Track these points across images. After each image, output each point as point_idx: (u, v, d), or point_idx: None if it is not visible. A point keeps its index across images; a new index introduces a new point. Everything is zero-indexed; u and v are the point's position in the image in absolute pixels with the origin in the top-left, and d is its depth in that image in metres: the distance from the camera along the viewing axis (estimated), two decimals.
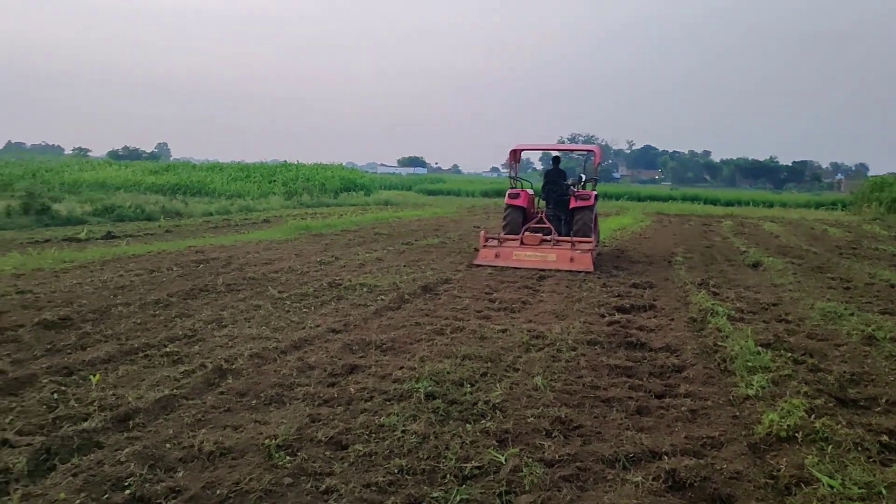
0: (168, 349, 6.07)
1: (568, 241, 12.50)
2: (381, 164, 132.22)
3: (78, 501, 3.36)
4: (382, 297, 8.86)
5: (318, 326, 7.15)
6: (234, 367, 5.58)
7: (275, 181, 35.69)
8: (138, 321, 7.13)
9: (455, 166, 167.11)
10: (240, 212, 24.54)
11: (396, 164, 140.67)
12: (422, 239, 16.64)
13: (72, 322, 6.94)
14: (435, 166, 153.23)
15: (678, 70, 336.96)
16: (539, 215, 13.52)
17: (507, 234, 13.19)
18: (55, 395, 4.84)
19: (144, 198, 25.08)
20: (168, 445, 4.05)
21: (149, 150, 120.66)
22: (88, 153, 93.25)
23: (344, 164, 49.15)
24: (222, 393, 5.02)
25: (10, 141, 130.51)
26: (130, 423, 4.38)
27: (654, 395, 5.30)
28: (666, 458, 4.03)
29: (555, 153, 15.25)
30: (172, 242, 14.14)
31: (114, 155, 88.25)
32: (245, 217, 22.44)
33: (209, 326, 7.03)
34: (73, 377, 5.27)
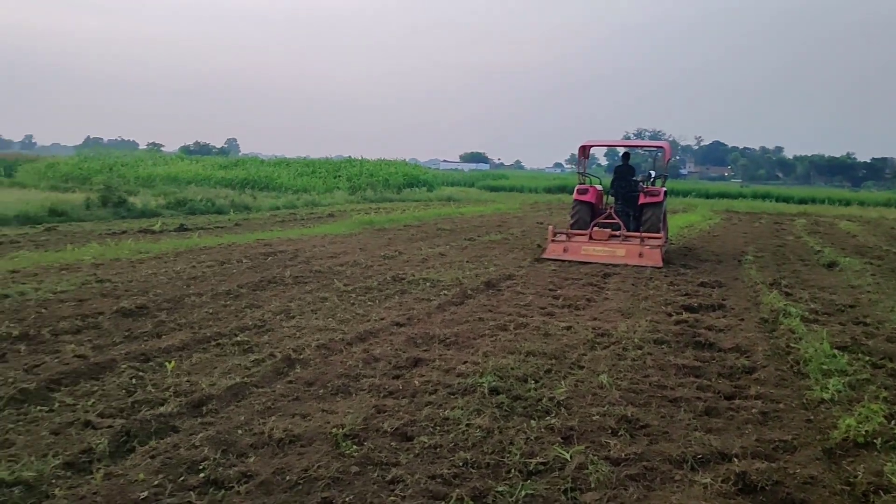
0: (239, 338, 6.26)
1: (637, 237, 12.52)
2: (444, 160, 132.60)
3: (156, 482, 3.50)
4: (445, 291, 8.91)
5: (382, 319, 7.24)
6: (301, 357, 5.71)
7: (339, 177, 36.23)
8: (210, 311, 7.36)
9: (518, 162, 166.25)
10: (305, 206, 25.00)
11: (459, 160, 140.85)
12: (484, 235, 16.64)
13: (148, 310, 7.21)
14: (497, 162, 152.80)
15: (749, 63, 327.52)
16: (608, 211, 13.49)
17: (574, 229, 13.23)
18: (133, 381, 5.05)
19: (214, 192, 25.74)
20: (240, 431, 4.17)
21: (218, 146, 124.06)
22: (161, 148, 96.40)
23: (407, 159, 49.55)
24: (291, 382, 5.14)
25: (88, 136, 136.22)
26: (204, 408, 4.54)
27: (723, 396, 5.19)
28: (736, 460, 3.94)
29: (624, 149, 15.33)
30: (241, 235, 14.51)
31: (185, 150, 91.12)
32: (310, 211, 22.86)
33: (278, 317, 7.20)
34: (150, 363, 5.49)
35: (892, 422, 4.35)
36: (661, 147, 15.62)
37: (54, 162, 37.22)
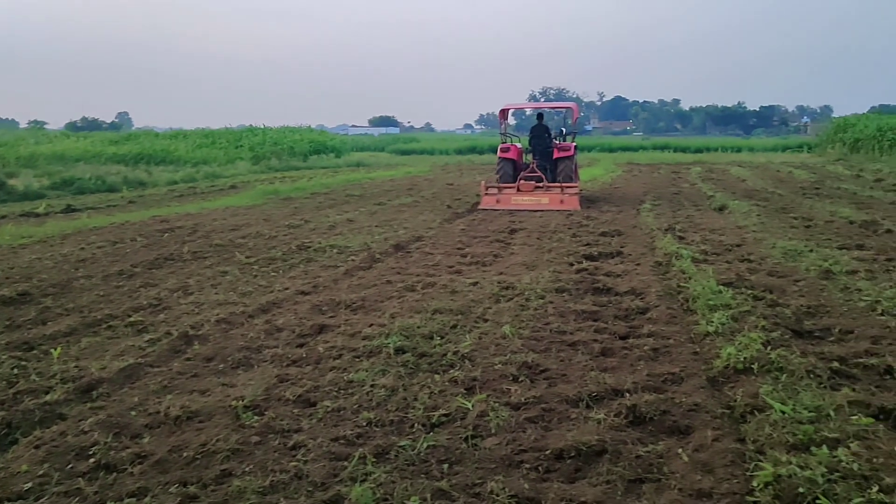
0: (132, 319, 6.02)
1: (558, 186, 14.31)
2: (353, 125, 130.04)
3: (41, 472, 3.34)
4: (353, 257, 8.84)
5: (286, 289, 7.13)
6: (200, 333, 5.57)
7: (241, 146, 35.16)
8: (101, 293, 7.05)
9: (428, 124, 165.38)
10: (206, 179, 24.18)
11: (368, 125, 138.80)
12: (394, 199, 16.58)
13: (31, 297, 6.84)
14: (407, 125, 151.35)
15: (647, 19, 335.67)
16: (531, 165, 14.99)
17: (501, 183, 14.84)
18: (15, 371, 4.77)
19: (105, 169, 24.34)
20: (133, 413, 4.03)
21: (109, 121, 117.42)
22: (45, 126, 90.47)
23: (313, 126, 48.50)
24: (188, 359, 5.00)
25: None
26: (94, 393, 4.36)
27: (618, 336, 5.40)
28: (628, 395, 4.12)
29: (539, 111, 17.26)
30: (136, 213, 13.93)
31: (72, 126, 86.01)
32: (211, 184, 22.15)
33: (175, 295, 6.97)
34: (34, 351, 5.21)
35: (768, 348, 4.64)
36: (569, 108, 17.54)
37: None
